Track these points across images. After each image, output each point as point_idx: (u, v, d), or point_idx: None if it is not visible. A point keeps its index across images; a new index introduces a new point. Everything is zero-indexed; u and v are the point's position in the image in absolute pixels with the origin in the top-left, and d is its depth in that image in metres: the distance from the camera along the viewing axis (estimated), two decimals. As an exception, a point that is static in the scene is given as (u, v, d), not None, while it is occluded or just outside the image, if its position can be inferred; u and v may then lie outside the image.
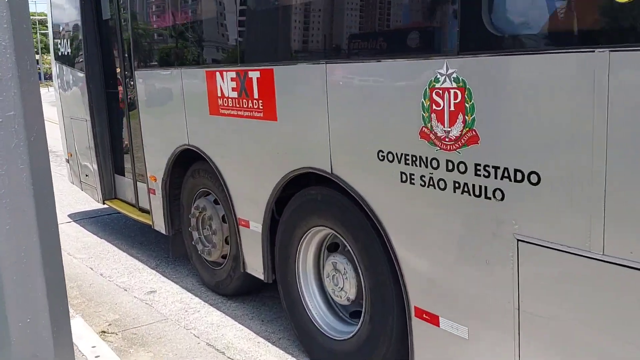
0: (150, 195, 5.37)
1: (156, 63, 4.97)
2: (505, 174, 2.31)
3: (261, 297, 4.73)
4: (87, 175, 6.87)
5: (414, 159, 2.69)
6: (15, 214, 2.27)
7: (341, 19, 3.11)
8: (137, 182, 5.92)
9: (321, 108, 3.18)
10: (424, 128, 2.61)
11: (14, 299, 2.29)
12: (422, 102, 2.59)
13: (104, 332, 4.18)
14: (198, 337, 4.08)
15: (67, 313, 2.49)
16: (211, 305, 4.62)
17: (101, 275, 5.46)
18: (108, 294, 4.95)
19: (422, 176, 2.67)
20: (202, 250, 4.84)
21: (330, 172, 3.23)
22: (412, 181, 2.72)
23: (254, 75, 3.69)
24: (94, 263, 5.86)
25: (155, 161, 5.18)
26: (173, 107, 4.69)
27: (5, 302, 2.28)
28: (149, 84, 5.10)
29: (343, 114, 3.08)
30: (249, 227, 4.10)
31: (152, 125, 5.14)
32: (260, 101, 3.69)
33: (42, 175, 2.36)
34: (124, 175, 6.38)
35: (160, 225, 5.32)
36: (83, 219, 7.57)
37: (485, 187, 2.39)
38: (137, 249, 6.20)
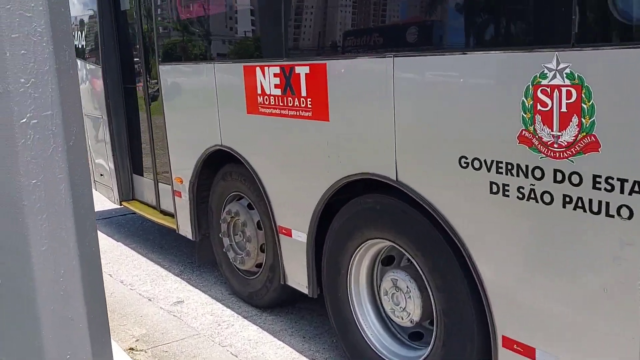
0: (175, 197, 5.01)
1: (184, 57, 4.60)
2: (636, 189, 1.94)
3: (298, 309, 4.37)
4: (102, 175, 6.51)
5: (510, 167, 2.32)
6: (53, 233, 1.91)
7: (413, 4, 2.74)
8: (159, 183, 5.56)
9: (386, 107, 2.81)
10: (524, 131, 2.24)
11: (52, 332, 1.93)
12: (523, 101, 2.22)
13: (132, 349, 3.83)
14: (236, 356, 3.72)
15: (109, 348, 2.14)
16: (245, 318, 4.27)
17: (122, 282, 5.10)
18: (131, 304, 4.59)
19: (519, 187, 2.30)
20: (234, 258, 4.48)
21: (395, 179, 2.86)
22: (506, 193, 2.35)
23: (302, 70, 3.32)
24: (112, 269, 5.50)
25: (182, 162, 4.81)
26: (204, 104, 4.32)
27: (42, 336, 1.92)
28: (175, 80, 4.73)
29: (414, 114, 2.71)
30: (290, 236, 3.74)
31: (178, 123, 4.77)
32: (308, 99, 3.32)
33: (82, 186, 2.00)
34: (142, 175, 6.02)
35: (186, 230, 4.96)
36: (96, 219, 7.19)
37: (607, 203, 2.02)
38: (157, 254, 5.84)
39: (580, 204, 2.11)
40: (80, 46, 6.58)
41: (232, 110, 4.02)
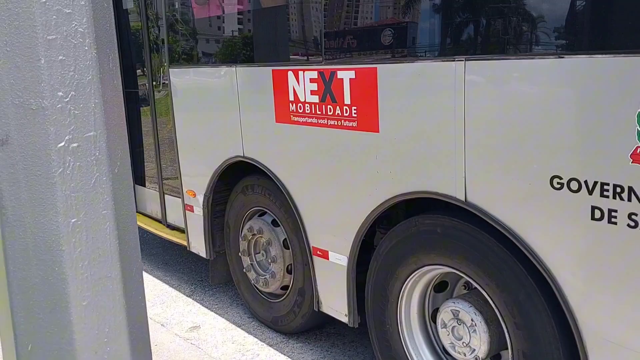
0: (187, 212, 4.62)
1: (199, 59, 4.22)
2: None
3: (327, 335, 4.02)
4: (101, 185, 6.09)
5: (619, 190, 1.99)
6: (97, 283, 1.55)
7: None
8: (165, 195, 5.17)
9: (454, 117, 2.47)
10: (639, 149, 1.91)
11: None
12: (640, 114, 1.89)
13: (150, 386, 3.44)
14: (267, 394, 3.36)
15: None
16: (271, 346, 3.90)
17: (129, 305, 4.69)
18: (143, 331, 4.19)
19: (631, 214, 1.97)
20: (256, 280, 4.11)
21: (463, 199, 2.52)
22: (613, 220, 2.02)
23: (346, 75, 2.97)
24: (116, 288, 5.08)
25: (195, 174, 4.43)
26: (223, 112, 3.95)
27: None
28: (189, 84, 4.34)
29: (491, 126, 2.37)
30: (327, 259, 3.38)
31: (191, 133, 4.39)
32: (353, 108, 2.97)
33: (128, 224, 1.63)
34: (145, 186, 5.63)
35: (198, 247, 4.57)
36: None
37: None
38: (163, 271, 5.44)
39: None
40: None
41: (258, 118, 3.66)
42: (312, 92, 3.20)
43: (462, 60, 2.41)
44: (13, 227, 1.47)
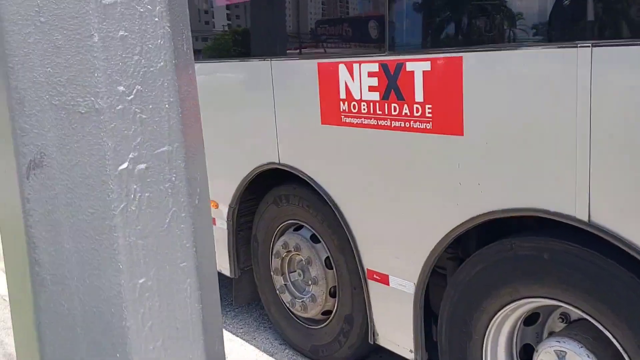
0: (207, 225, 4.10)
1: (225, 52, 3.71)
2: None
3: (373, 366, 3.52)
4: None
5: None
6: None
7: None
8: (178, 205, 4.64)
9: (573, 118, 1.99)
10: None
11: None
12: None
13: None
14: None
15: None
16: (311, 380, 3.40)
17: (142, 330, 4.17)
18: (162, 363, 3.68)
19: None
20: (292, 303, 3.60)
21: (586, 219, 2.04)
22: None
23: (418, 67, 2.48)
24: (124, 309, 4.56)
25: (218, 183, 3.90)
26: (254, 113, 3.44)
27: None
28: (209, 82, 3.82)
29: (632, 127, 1.89)
30: (387, 284, 2.89)
31: (212, 136, 3.85)
32: (427, 106, 2.48)
33: (211, 279, 1.14)
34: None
35: (221, 264, 4.05)
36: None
37: None
38: (175, 288, 4.91)
39: None
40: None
41: (299, 120, 3.15)
42: (371, 88, 2.70)
43: (589, 47, 1.92)
44: (51, 293, 0.97)
